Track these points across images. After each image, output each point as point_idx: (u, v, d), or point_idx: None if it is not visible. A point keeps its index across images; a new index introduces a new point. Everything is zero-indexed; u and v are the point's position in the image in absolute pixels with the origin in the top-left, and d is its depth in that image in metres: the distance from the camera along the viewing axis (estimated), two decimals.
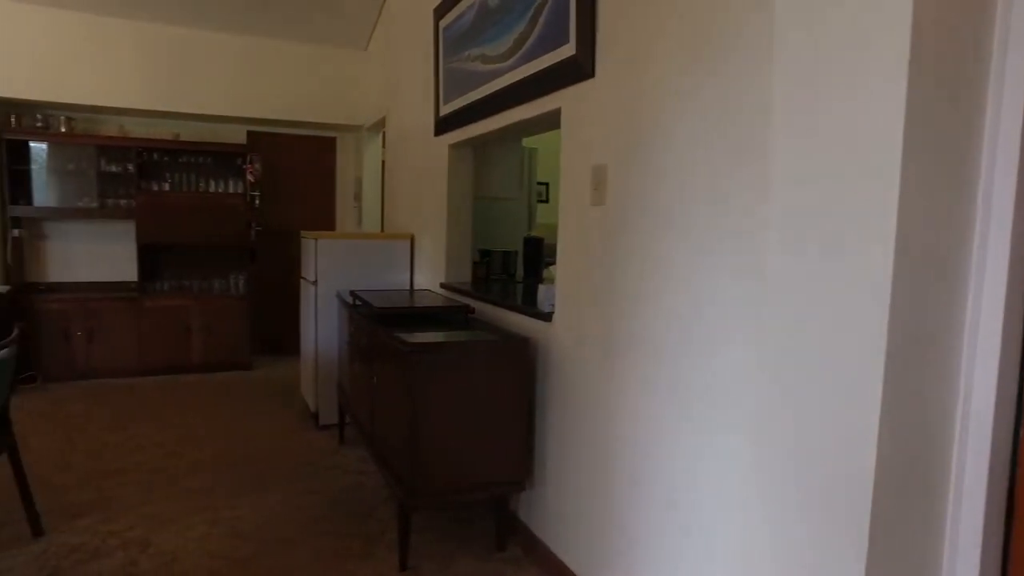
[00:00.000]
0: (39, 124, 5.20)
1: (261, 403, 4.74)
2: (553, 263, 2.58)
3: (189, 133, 5.65)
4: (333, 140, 6.35)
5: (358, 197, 6.20)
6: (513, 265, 4.11)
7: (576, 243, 2.30)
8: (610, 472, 2.08)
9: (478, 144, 3.54)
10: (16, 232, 5.19)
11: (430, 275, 4.00)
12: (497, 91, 2.79)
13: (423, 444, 2.32)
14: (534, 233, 4.35)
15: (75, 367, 5.19)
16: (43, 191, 5.30)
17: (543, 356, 2.51)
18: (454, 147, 3.57)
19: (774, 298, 1.19)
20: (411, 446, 2.30)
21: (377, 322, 2.76)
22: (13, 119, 5.13)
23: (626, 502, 2.00)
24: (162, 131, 5.55)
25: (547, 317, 2.45)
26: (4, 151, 5.06)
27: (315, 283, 4.14)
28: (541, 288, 2.51)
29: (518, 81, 2.58)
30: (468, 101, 3.14)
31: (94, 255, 5.59)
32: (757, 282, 1.46)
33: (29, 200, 5.23)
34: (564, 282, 2.37)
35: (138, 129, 5.51)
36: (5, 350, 2.54)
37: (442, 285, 3.72)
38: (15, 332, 2.65)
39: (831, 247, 1.08)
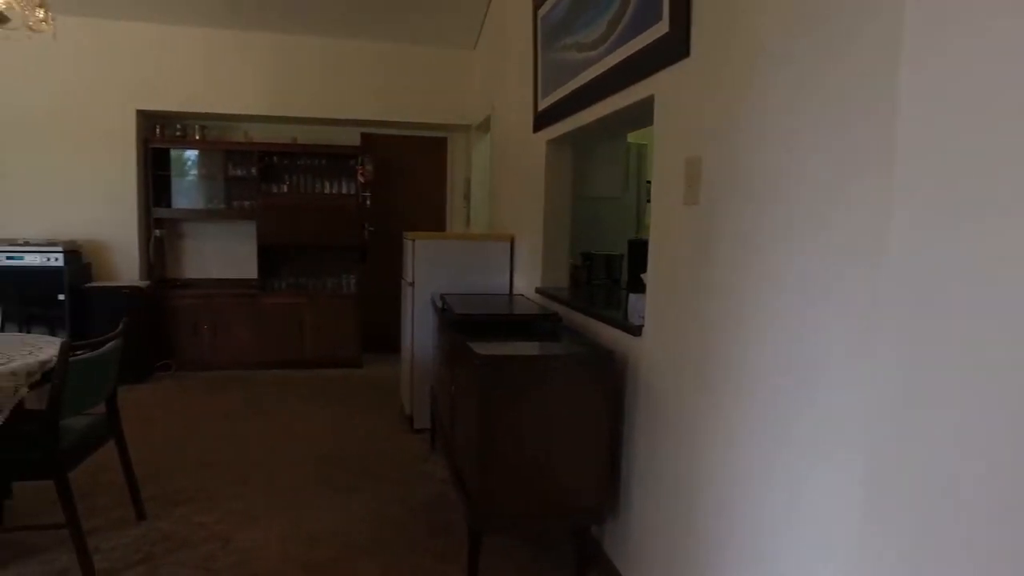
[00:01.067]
0: (178, 133, 5.60)
1: (363, 402, 4.79)
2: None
3: (307, 136, 5.87)
4: (444, 140, 6.36)
5: (467, 197, 6.17)
6: (618, 269, 3.85)
7: (668, 248, 2.03)
8: (698, 507, 1.80)
9: (577, 140, 3.32)
10: (157, 232, 5.62)
11: (528, 279, 3.83)
12: (590, 81, 2.56)
13: (493, 463, 2.14)
14: (642, 235, 4.06)
15: (202, 358, 5.53)
16: (180, 194, 5.70)
17: (632, 373, 2.25)
18: (552, 143, 3.38)
19: (919, 309, 0.88)
20: (480, 464, 2.13)
21: (456, 328, 2.62)
22: (158, 130, 5.56)
23: (715, 541, 1.71)
24: (282, 135, 5.80)
25: (636, 330, 2.19)
26: (150, 159, 5.51)
27: (412, 284, 4.10)
28: (632, 298, 2.24)
29: (611, 68, 2.34)
30: (563, 93, 2.94)
31: (222, 253, 5.94)
32: (878, 296, 1.14)
33: (169, 203, 5.65)
34: (655, 292, 2.11)
35: (261, 134, 5.80)
36: (111, 343, 2.65)
37: (537, 290, 3.53)
38: (121, 326, 2.77)
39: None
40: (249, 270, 5.82)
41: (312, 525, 2.86)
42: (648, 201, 4.66)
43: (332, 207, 5.71)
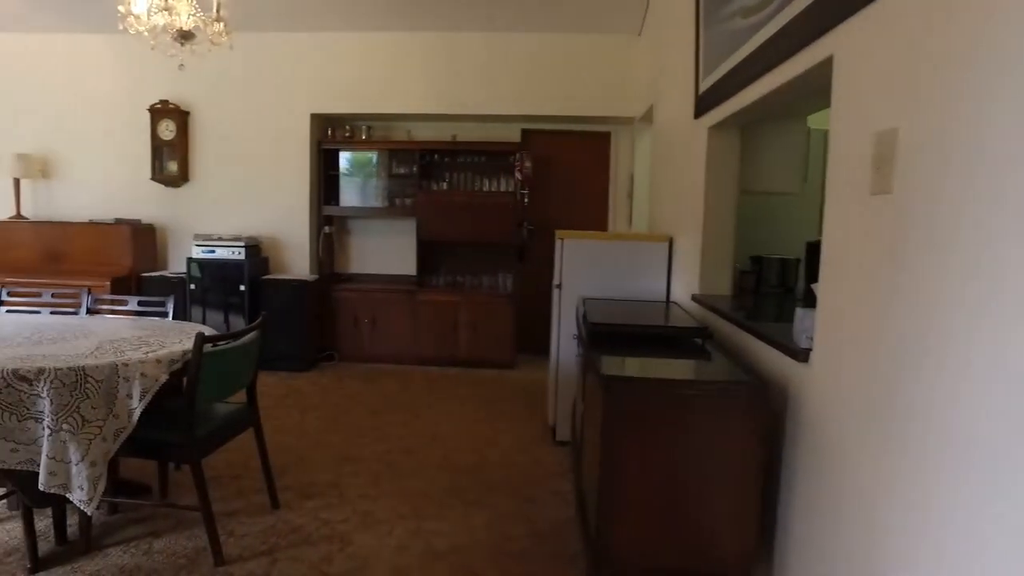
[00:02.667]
0: (347, 134, 5.86)
1: (509, 406, 4.63)
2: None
3: (467, 134, 5.85)
4: (607, 135, 6.04)
5: (631, 195, 5.80)
6: (792, 276, 3.30)
7: (846, 250, 1.56)
8: None
9: (744, 124, 2.85)
10: (327, 229, 5.92)
11: (685, 285, 3.40)
12: (756, 49, 2.12)
13: (615, 501, 1.81)
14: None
15: (362, 350, 5.73)
16: (347, 192, 5.96)
17: (794, 407, 1.80)
18: (715, 130, 2.93)
19: None
20: (601, 500, 1.82)
21: (589, 338, 2.31)
22: (329, 131, 5.86)
23: None
24: (443, 133, 5.84)
25: (802, 355, 1.73)
26: (321, 159, 5.83)
27: (559, 287, 3.85)
28: (799, 313, 1.79)
29: (779, 30, 1.90)
30: (727, 68, 2.50)
31: (384, 250, 6.13)
32: None
33: (337, 201, 5.93)
34: (828, 307, 1.65)
35: (422, 133, 5.88)
36: (252, 333, 2.70)
37: (694, 298, 3.11)
38: (260, 318, 2.82)
39: None
40: (409, 266, 5.94)
41: (432, 538, 2.71)
42: None
43: (490, 204, 5.64)
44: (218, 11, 3.38)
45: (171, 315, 3.22)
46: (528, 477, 3.39)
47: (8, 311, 3.44)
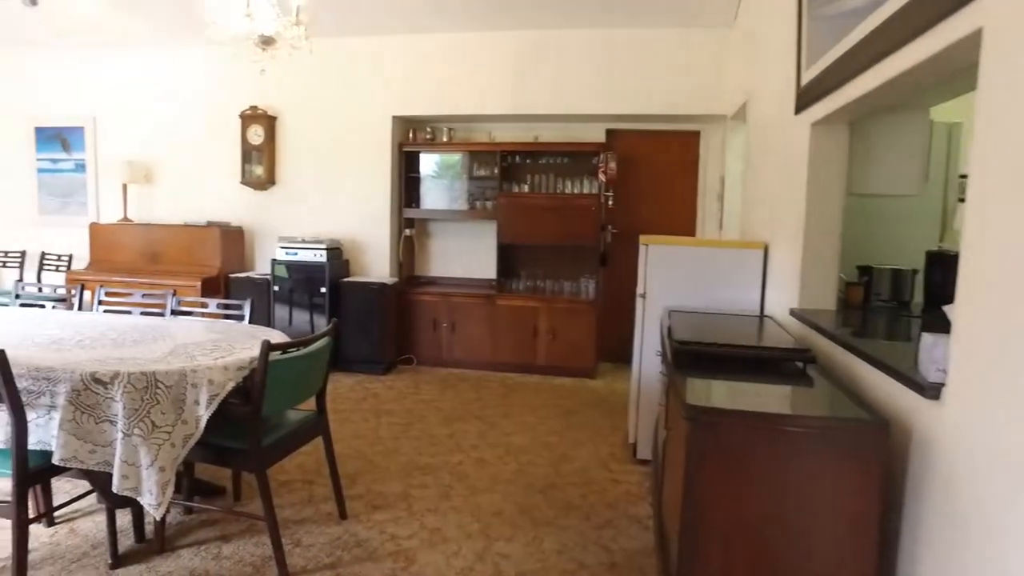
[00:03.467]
0: (428, 136, 5.83)
1: (588, 418, 4.43)
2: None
3: (549, 134, 5.69)
4: (697, 134, 5.72)
5: (721, 197, 5.46)
6: (909, 289, 2.94)
7: (998, 265, 1.28)
8: None
9: (854, 119, 2.53)
10: (408, 232, 5.91)
11: (782, 297, 3.10)
12: (875, 29, 1.84)
13: (699, 544, 1.59)
14: (945, 245, 3.06)
15: (440, 354, 5.68)
16: (428, 195, 5.93)
17: (920, 451, 1.52)
18: (819, 125, 2.63)
19: None
20: (683, 544, 1.60)
21: (676, 358, 2.09)
22: (411, 134, 5.85)
23: None
24: (524, 134, 5.71)
25: (932, 390, 1.46)
26: (403, 162, 5.83)
27: (643, 296, 3.61)
28: (927, 340, 1.51)
29: (908, 2, 1.62)
30: (835, 56, 2.22)
31: (464, 253, 6.06)
32: None
33: (418, 203, 5.92)
34: (969, 335, 1.36)
35: (503, 134, 5.77)
36: (321, 340, 2.64)
37: (792, 312, 2.81)
38: (330, 324, 2.76)
39: None
40: (488, 270, 5.84)
41: (499, 561, 2.56)
42: (961, 200, 3.54)
43: (572, 207, 5.45)
44: (298, 15, 3.37)
45: (247, 319, 3.23)
46: (605, 498, 3.18)
47: (105, 310, 3.57)
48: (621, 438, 4.04)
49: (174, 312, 3.37)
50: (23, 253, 6.37)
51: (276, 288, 5.44)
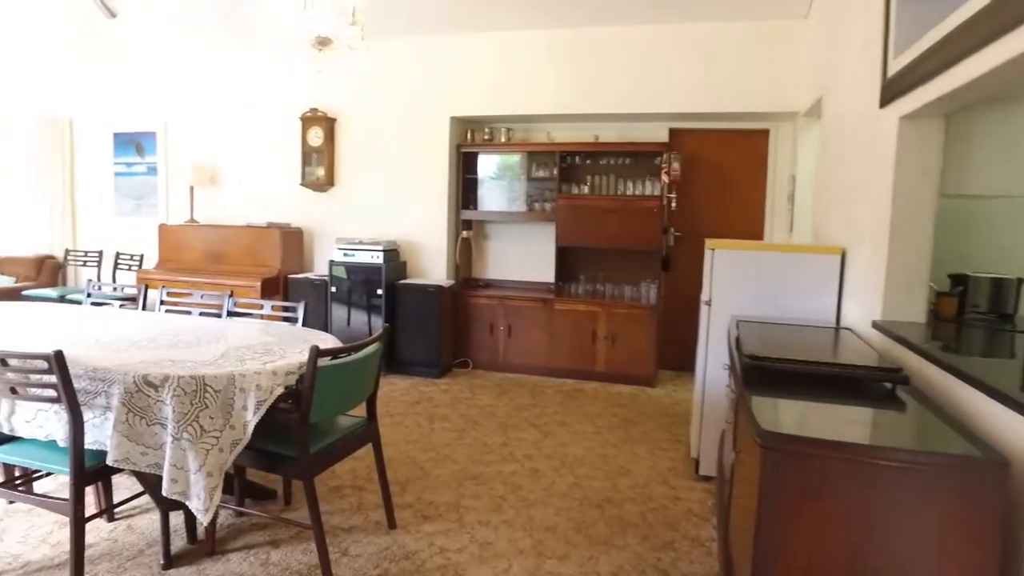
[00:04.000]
0: (486, 137, 5.75)
1: (649, 430, 4.24)
2: None
3: (610, 134, 5.53)
4: (765, 132, 5.44)
5: (791, 199, 5.17)
6: (1012, 301, 2.65)
7: None
8: None
9: (951, 110, 2.29)
10: (465, 234, 5.85)
11: (863, 308, 2.85)
12: (984, 7, 1.62)
13: None
14: None
15: (496, 358, 5.59)
16: (485, 196, 5.86)
17: None
18: (908, 119, 2.39)
19: None
20: None
21: (746, 374, 1.91)
22: (469, 135, 5.79)
23: None
24: (584, 135, 5.56)
25: None
26: (460, 163, 5.77)
27: (708, 303, 3.42)
28: None
29: None
30: (933, 40, 1.99)
31: (521, 255, 5.96)
32: None
33: (475, 205, 5.85)
34: None
35: (562, 134, 5.64)
36: (372, 346, 2.58)
37: (875, 325, 2.57)
38: (381, 329, 2.69)
39: None
40: (546, 273, 5.72)
41: None
42: None
43: (633, 209, 5.27)
44: (354, 15, 3.33)
45: (300, 321, 3.21)
46: (665, 516, 3.01)
47: (167, 310, 3.63)
48: (683, 451, 3.85)
49: (230, 313, 3.39)
50: (100, 252, 6.64)
51: (333, 289, 5.46)
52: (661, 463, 3.67)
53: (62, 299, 5.79)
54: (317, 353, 2.25)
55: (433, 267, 5.77)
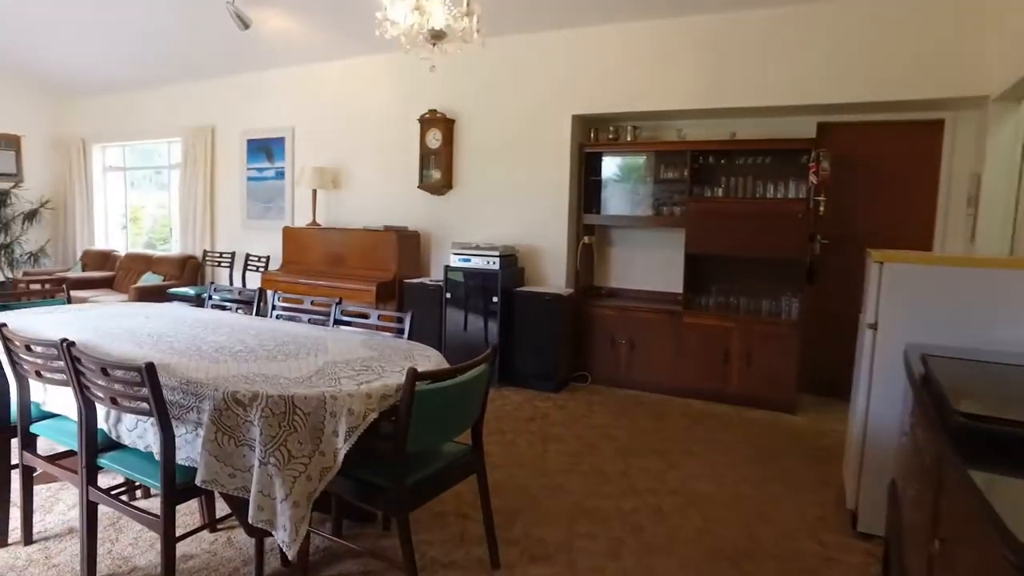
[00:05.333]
0: (611, 136, 5.37)
1: (791, 465, 3.69)
2: None
3: (748, 131, 4.96)
4: (939, 123, 4.65)
5: (973, 202, 4.37)
6: None
7: None
8: None
9: None
10: (587, 239, 5.50)
11: None
12: None
13: None
14: None
15: (617, 373, 5.20)
16: (609, 200, 5.47)
17: None
18: None
19: None
20: None
21: (961, 437, 1.41)
22: (592, 134, 5.43)
23: None
24: (719, 132, 5.04)
25: None
26: (583, 164, 5.43)
27: (873, 327, 2.85)
28: None
29: None
30: None
31: (647, 263, 5.52)
32: None
33: (598, 208, 5.48)
34: None
35: (694, 132, 5.14)
36: (478, 368, 2.31)
37: None
38: (489, 349, 2.41)
39: None
40: (674, 283, 5.25)
41: None
42: None
43: (774, 213, 4.68)
44: (467, 6, 3.09)
45: (407, 333, 3.01)
46: None
47: (278, 315, 3.58)
48: (833, 497, 3.27)
49: (337, 322, 3.26)
50: (232, 254, 6.95)
51: (448, 295, 5.30)
52: (808, 510, 3.13)
53: (198, 297, 6.07)
54: (415, 376, 1.99)
55: (552, 274, 5.47)
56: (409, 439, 2.05)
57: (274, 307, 3.60)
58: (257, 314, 3.69)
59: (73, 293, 6.78)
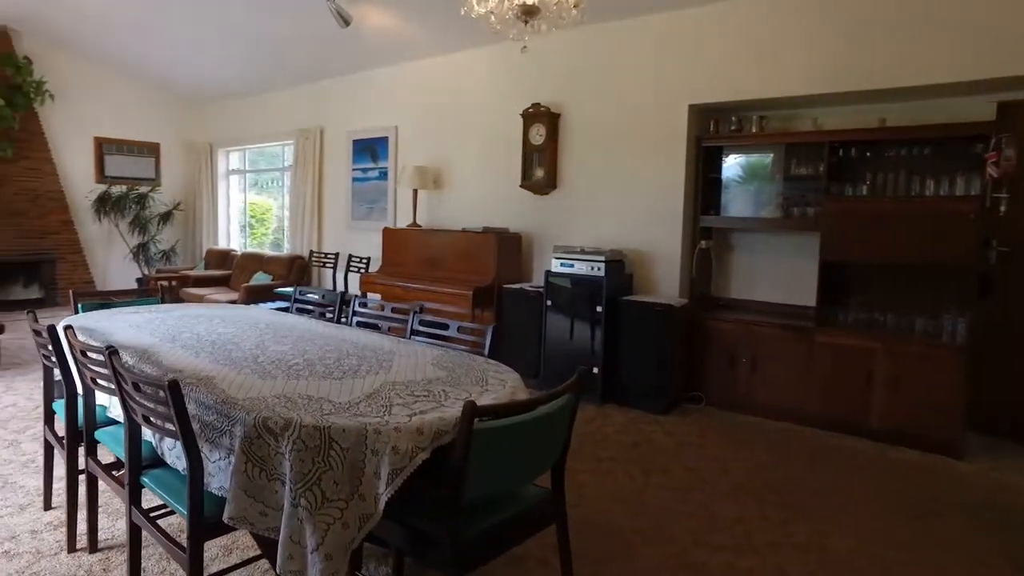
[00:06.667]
0: (733, 128, 4.76)
1: (955, 525, 2.97)
2: None
3: (902, 116, 4.19)
4: None
5: None
6: None
7: None
8: None
9: None
10: (704, 243, 4.92)
11: None
12: None
13: None
14: None
15: (735, 396, 4.58)
16: (731, 199, 4.86)
17: None
18: None
19: None
20: None
21: None
22: (711, 126, 4.84)
23: None
24: (864, 119, 4.29)
25: None
26: (700, 159, 4.85)
27: None
28: None
29: None
30: None
31: (774, 272, 4.85)
32: None
33: (718, 210, 4.88)
34: None
35: (833, 120, 4.42)
36: (558, 400, 1.89)
37: None
38: (575, 376, 1.98)
39: None
40: (805, 295, 4.57)
41: None
42: None
43: (935, 214, 3.90)
44: None
45: (487, 350, 2.64)
46: None
47: (359, 322, 3.35)
48: None
49: (414, 332, 2.96)
50: (336, 255, 6.95)
51: (549, 303, 4.91)
52: None
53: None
54: (473, 412, 1.62)
55: (663, 282, 4.93)
56: (466, 486, 1.68)
57: (355, 313, 3.38)
58: (339, 320, 3.48)
59: (191, 290, 7.07)
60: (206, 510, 1.84)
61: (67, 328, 2.40)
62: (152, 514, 2.10)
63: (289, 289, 6.55)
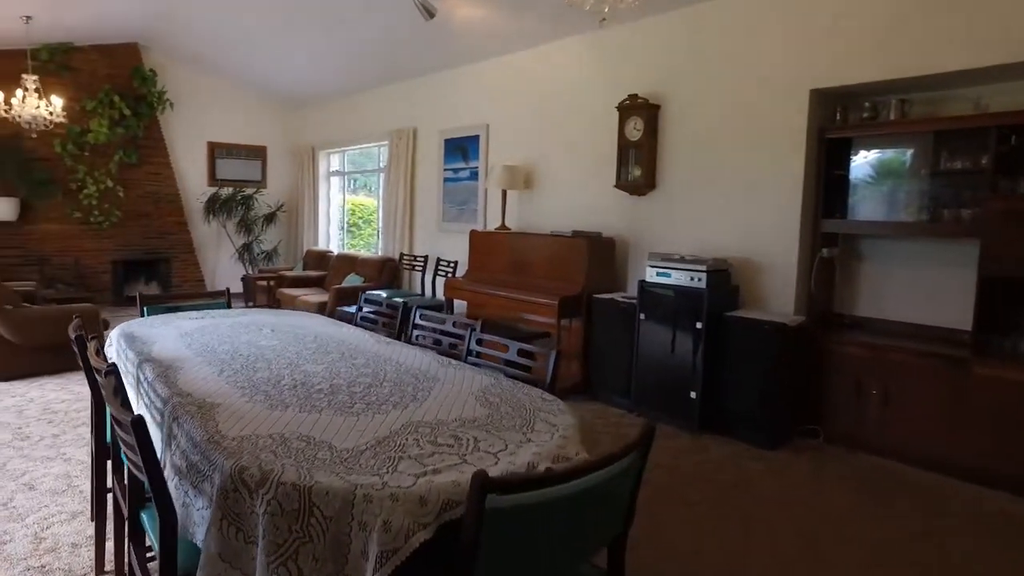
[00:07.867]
0: (865, 115, 4.02)
1: None
2: None
3: None
4: None
5: None
6: None
7: None
8: None
9: None
10: (826, 252, 4.21)
11: None
12: None
13: None
14: None
15: (861, 434, 3.86)
16: (860, 200, 4.12)
17: None
18: None
19: None
20: None
21: None
22: (838, 114, 4.13)
23: None
24: None
25: None
26: (823, 154, 4.15)
27: None
28: None
29: None
30: None
31: (913, 287, 4.05)
32: None
33: (844, 212, 4.16)
34: None
35: (1000, 101, 3.58)
36: (622, 461, 1.43)
37: None
38: (641, 430, 1.51)
39: None
40: (958, 316, 3.77)
41: None
42: None
43: None
44: None
45: (549, 377, 2.21)
46: None
47: (417, 335, 3.03)
48: None
49: (469, 353, 2.58)
50: (425, 258, 6.74)
51: (642, 316, 4.39)
52: None
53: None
54: (483, 485, 1.19)
55: (776, 296, 4.27)
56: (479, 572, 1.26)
57: (415, 326, 3.06)
58: (400, 334, 3.18)
59: (286, 291, 7.12)
60: (186, 561, 1.54)
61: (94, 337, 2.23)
62: (150, 553, 1.86)
63: (379, 292, 6.42)
